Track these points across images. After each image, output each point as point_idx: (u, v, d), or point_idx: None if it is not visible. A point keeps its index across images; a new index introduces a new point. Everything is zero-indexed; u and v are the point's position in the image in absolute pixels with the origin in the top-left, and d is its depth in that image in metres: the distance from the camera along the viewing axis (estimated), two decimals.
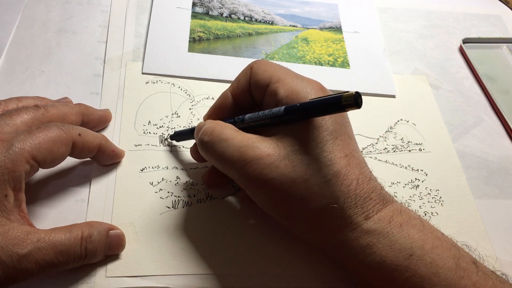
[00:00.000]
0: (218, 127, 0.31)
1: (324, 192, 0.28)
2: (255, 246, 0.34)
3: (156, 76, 0.44)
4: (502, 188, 0.43)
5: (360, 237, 0.28)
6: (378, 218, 0.28)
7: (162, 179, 0.37)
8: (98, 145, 0.34)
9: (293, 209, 0.29)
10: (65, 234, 0.28)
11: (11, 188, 0.27)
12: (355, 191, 0.28)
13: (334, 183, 0.28)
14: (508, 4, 0.63)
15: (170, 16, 0.49)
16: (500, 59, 0.55)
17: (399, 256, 0.27)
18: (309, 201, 0.28)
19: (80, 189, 0.35)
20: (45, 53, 0.44)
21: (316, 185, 0.28)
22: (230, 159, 0.29)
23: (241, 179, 0.29)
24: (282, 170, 0.28)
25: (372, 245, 0.27)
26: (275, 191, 0.28)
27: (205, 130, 0.31)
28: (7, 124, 0.29)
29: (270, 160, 0.28)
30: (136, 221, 0.34)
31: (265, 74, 0.31)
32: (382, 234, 0.27)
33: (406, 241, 0.27)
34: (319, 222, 0.29)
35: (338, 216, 0.28)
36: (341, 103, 0.25)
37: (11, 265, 0.25)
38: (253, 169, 0.28)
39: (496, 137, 0.47)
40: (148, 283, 0.31)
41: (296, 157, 0.28)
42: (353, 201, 0.28)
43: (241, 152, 0.29)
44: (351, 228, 0.28)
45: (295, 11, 0.56)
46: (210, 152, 0.31)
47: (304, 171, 0.28)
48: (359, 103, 0.25)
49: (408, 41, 0.55)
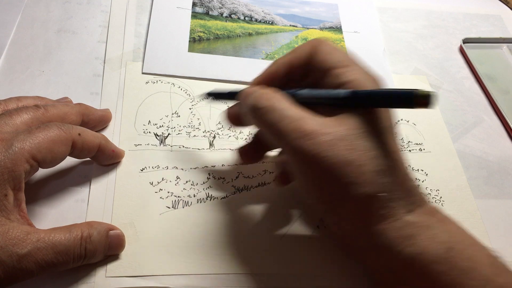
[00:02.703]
0: (275, 94, 0.30)
1: (377, 180, 0.28)
2: (255, 246, 0.34)
3: (156, 76, 0.44)
4: (502, 188, 0.43)
5: (401, 228, 0.28)
6: (420, 212, 0.29)
7: (162, 179, 0.37)
8: (98, 145, 0.33)
9: (338, 192, 0.28)
10: (64, 234, 0.28)
11: (11, 188, 0.27)
12: (403, 185, 0.29)
13: (387, 173, 0.28)
14: (508, 4, 0.63)
15: (170, 16, 0.49)
16: (500, 59, 0.55)
17: (439, 248, 0.27)
18: (359, 186, 0.27)
19: (80, 189, 0.35)
20: (45, 53, 0.44)
21: (370, 172, 0.27)
22: (285, 129, 0.28)
23: (292, 152, 0.29)
24: (338, 150, 0.27)
25: (413, 236, 0.27)
26: (326, 170, 0.28)
27: (261, 94, 0.30)
28: (7, 123, 0.29)
29: (328, 137, 0.27)
30: (136, 221, 0.34)
31: (331, 57, 0.31)
32: (423, 227, 0.28)
33: (446, 235, 0.28)
34: (361, 209, 0.28)
35: (383, 206, 0.28)
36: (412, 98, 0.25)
37: (10, 265, 0.25)
38: (308, 143, 0.27)
39: (496, 137, 0.47)
40: (148, 283, 0.31)
41: (353, 141, 0.28)
42: (400, 193, 0.28)
43: (298, 124, 0.28)
44: (394, 218, 0.28)
45: (295, 11, 0.56)
46: (263, 119, 0.30)
47: (360, 156, 0.27)
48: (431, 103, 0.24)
49: (408, 41, 0.55)
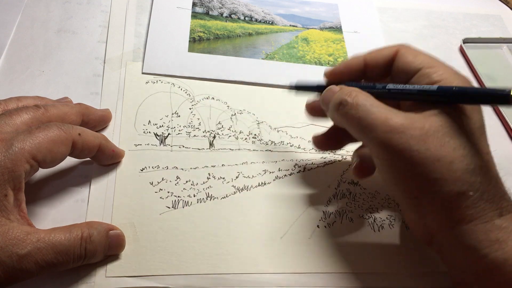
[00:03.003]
0: (362, 92, 0.31)
1: (466, 179, 0.27)
2: (255, 246, 0.34)
3: (156, 76, 0.44)
4: None
5: (490, 231, 0.27)
6: (511, 218, 0.28)
7: (162, 179, 0.37)
8: (98, 145, 0.33)
9: (426, 188, 0.28)
10: (64, 234, 0.28)
11: (11, 188, 0.27)
12: (494, 188, 0.28)
13: (478, 173, 0.28)
14: (508, 4, 0.63)
15: (170, 16, 0.49)
16: (500, 59, 0.55)
17: None
18: (448, 183, 0.27)
19: (80, 189, 0.35)
20: (45, 53, 0.44)
21: (460, 170, 0.27)
22: (373, 123, 0.29)
23: (381, 145, 0.29)
24: (428, 146, 0.27)
25: (502, 241, 0.27)
26: (414, 164, 0.28)
27: (348, 91, 0.31)
28: (7, 123, 0.29)
29: (418, 132, 0.28)
30: (136, 221, 0.34)
31: (417, 59, 0.31)
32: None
33: None
34: (450, 206, 0.28)
35: (472, 206, 0.28)
36: (509, 96, 0.25)
37: (10, 265, 0.25)
38: (398, 137, 0.28)
39: (496, 137, 0.47)
40: (148, 283, 0.31)
41: (443, 138, 0.28)
42: (491, 196, 0.28)
43: (387, 117, 0.29)
44: (483, 220, 0.28)
45: (295, 11, 0.56)
46: (350, 114, 0.30)
47: (451, 153, 0.27)
48: None
49: (408, 41, 0.55)
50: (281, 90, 0.45)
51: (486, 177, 0.28)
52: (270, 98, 0.45)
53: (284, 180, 0.39)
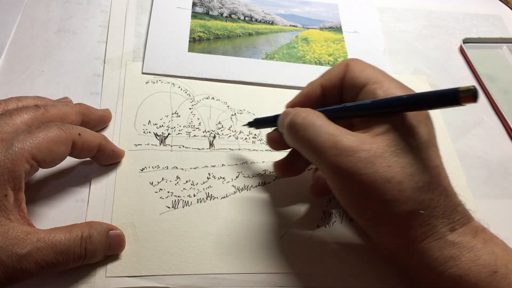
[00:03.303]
0: (311, 112, 0.30)
1: (416, 197, 0.27)
2: (255, 246, 0.34)
3: (156, 76, 0.44)
4: (502, 188, 0.43)
5: (443, 248, 0.27)
6: (463, 232, 0.28)
7: (162, 179, 0.37)
8: (98, 144, 0.33)
9: (378, 209, 0.28)
10: (64, 234, 0.28)
11: (11, 188, 0.27)
12: (444, 202, 0.28)
13: (427, 190, 0.27)
14: (508, 4, 0.63)
15: (170, 16, 0.49)
16: (500, 59, 0.55)
17: (482, 271, 0.26)
18: (399, 204, 0.27)
19: (80, 189, 0.35)
20: (45, 53, 0.44)
21: (409, 189, 0.27)
22: (321, 145, 0.28)
23: (330, 168, 0.28)
24: (377, 168, 0.27)
25: (455, 257, 0.27)
26: (365, 187, 0.27)
27: (298, 113, 0.31)
28: (7, 123, 0.29)
29: (366, 155, 0.27)
30: (136, 221, 0.34)
31: (363, 74, 0.31)
32: (466, 248, 0.27)
33: (490, 257, 0.27)
34: (403, 227, 0.28)
35: (424, 224, 0.27)
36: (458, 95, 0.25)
37: (10, 265, 0.25)
38: (346, 160, 0.27)
39: (496, 137, 0.47)
40: (148, 283, 0.31)
41: (391, 157, 0.27)
42: (441, 211, 0.28)
43: (336, 141, 0.28)
44: (436, 237, 0.27)
45: (295, 11, 0.56)
46: (299, 136, 0.30)
47: (399, 173, 0.27)
48: (476, 97, 0.24)
49: (408, 41, 0.55)
50: (281, 90, 0.45)
51: (436, 192, 0.28)
52: (270, 98, 0.45)
53: (284, 180, 0.39)
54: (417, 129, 0.28)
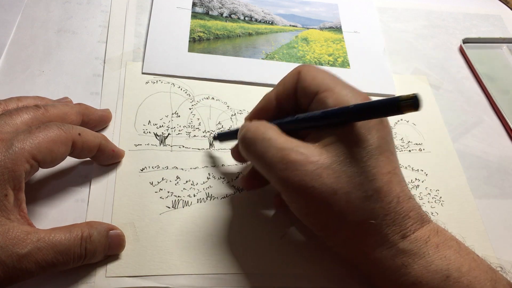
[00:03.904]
0: (262, 126, 0.30)
1: (364, 207, 0.27)
2: (256, 246, 0.34)
3: (156, 76, 0.44)
4: (502, 188, 0.43)
5: (395, 256, 0.27)
6: (415, 238, 0.27)
7: (162, 179, 0.37)
8: (98, 144, 0.33)
9: (329, 220, 0.28)
10: (65, 234, 0.28)
11: (11, 188, 0.27)
12: (395, 209, 0.28)
13: (376, 199, 0.27)
14: (508, 4, 0.63)
15: (170, 16, 0.49)
16: (500, 59, 0.55)
17: (435, 277, 0.26)
18: (348, 214, 0.27)
19: (80, 189, 0.35)
20: (45, 53, 0.44)
21: (357, 199, 0.27)
22: (271, 160, 0.28)
23: (279, 182, 0.29)
24: (324, 180, 0.27)
25: (407, 265, 0.27)
26: (314, 200, 0.28)
27: (249, 127, 0.31)
28: (7, 123, 0.29)
29: (312, 167, 0.27)
30: (136, 221, 0.34)
31: (314, 82, 0.31)
32: (418, 255, 0.27)
33: (442, 262, 0.27)
34: (355, 237, 0.28)
35: (375, 233, 0.27)
36: (399, 104, 0.24)
37: (11, 265, 0.25)
38: (293, 174, 0.27)
39: (496, 137, 0.47)
40: (148, 283, 0.31)
41: (339, 168, 0.27)
42: (392, 219, 0.27)
43: (283, 155, 0.28)
44: (387, 246, 0.27)
45: (295, 11, 0.56)
46: (251, 151, 0.30)
47: (347, 184, 0.27)
48: (418, 106, 0.24)
49: (408, 41, 0.55)
50: None
51: (386, 200, 0.27)
52: None
53: None
54: (366, 137, 0.28)
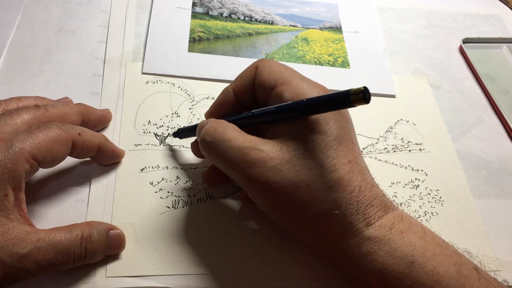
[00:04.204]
0: (220, 127, 0.31)
1: (327, 198, 0.27)
2: (256, 246, 0.34)
3: (156, 76, 0.44)
4: (502, 188, 0.43)
5: (361, 244, 0.27)
6: (379, 225, 0.28)
7: (162, 179, 0.37)
8: (98, 144, 0.33)
9: (294, 213, 0.29)
10: (65, 234, 0.28)
11: (11, 188, 0.27)
12: (357, 198, 0.28)
13: (337, 189, 0.27)
14: (508, 4, 0.63)
15: (170, 16, 0.49)
16: (500, 59, 0.55)
17: (400, 263, 0.27)
18: (311, 206, 0.28)
19: (80, 189, 0.35)
20: (45, 53, 0.44)
21: (319, 191, 0.27)
22: (232, 160, 0.29)
23: (243, 180, 0.29)
24: (284, 174, 0.28)
25: (373, 252, 0.27)
26: (277, 194, 0.28)
27: (207, 129, 0.31)
28: (7, 123, 0.29)
29: (273, 163, 0.28)
30: (136, 221, 0.34)
31: (271, 76, 0.31)
32: (383, 241, 0.27)
33: (407, 248, 0.27)
34: (320, 228, 0.28)
35: (339, 223, 0.28)
36: (349, 97, 0.25)
37: (11, 265, 0.25)
38: (255, 171, 0.28)
39: (496, 137, 0.47)
40: (148, 283, 0.31)
41: (299, 161, 0.28)
42: (355, 207, 0.28)
43: (243, 154, 0.28)
44: (352, 235, 0.28)
45: (295, 11, 0.56)
46: (211, 152, 0.31)
47: (307, 176, 0.27)
48: (368, 98, 0.24)
49: (408, 41, 0.55)
50: None
51: (348, 189, 0.28)
52: None
53: None
54: (324, 128, 0.28)
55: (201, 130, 0.32)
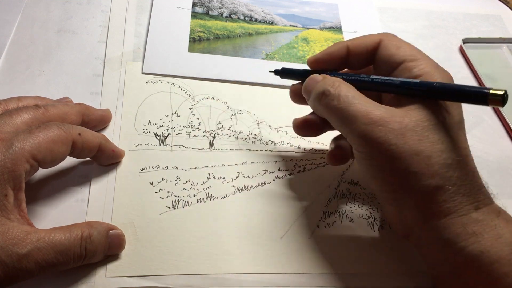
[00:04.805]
0: (343, 83, 0.31)
1: (444, 174, 0.28)
2: (255, 246, 0.34)
3: (156, 76, 0.44)
4: (502, 188, 0.43)
5: (467, 224, 0.28)
6: (487, 211, 0.28)
7: (162, 179, 0.37)
8: (98, 144, 0.34)
9: (404, 182, 0.28)
10: (65, 234, 0.28)
11: (11, 188, 0.27)
12: (471, 181, 0.28)
13: (455, 167, 0.28)
14: (508, 4, 0.63)
15: (170, 16, 0.49)
16: (500, 59, 0.55)
17: (504, 249, 0.27)
18: (426, 177, 0.28)
19: (80, 189, 0.35)
20: (45, 53, 0.44)
21: (438, 164, 0.28)
22: (354, 114, 0.29)
23: (358, 138, 0.29)
24: (407, 140, 0.28)
25: (478, 234, 0.27)
26: (393, 158, 0.28)
27: (331, 81, 0.31)
28: (7, 123, 0.29)
29: (397, 126, 0.28)
30: (136, 221, 0.34)
31: (400, 51, 0.32)
32: (489, 226, 0.27)
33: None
34: (427, 200, 0.28)
35: (449, 200, 0.28)
36: (487, 96, 0.25)
37: (11, 265, 0.25)
38: (378, 129, 0.28)
39: (496, 137, 0.47)
40: (148, 283, 0.31)
41: (422, 132, 0.28)
42: (468, 189, 0.28)
43: (368, 110, 0.29)
44: (460, 214, 0.28)
45: (295, 11, 0.56)
46: (331, 104, 0.30)
47: (429, 148, 0.28)
48: (505, 103, 0.25)
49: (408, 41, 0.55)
50: (281, 90, 0.45)
51: (463, 171, 0.28)
52: (270, 98, 0.45)
53: (284, 180, 0.39)
54: (450, 109, 0.29)
55: (315, 84, 0.32)
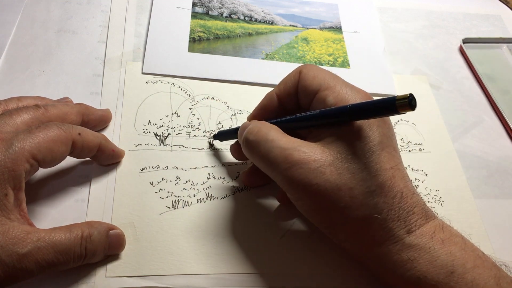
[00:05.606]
0: (264, 127, 0.31)
1: (368, 202, 0.27)
2: (255, 246, 0.34)
3: (156, 76, 0.44)
4: (502, 188, 0.43)
5: (401, 251, 0.27)
6: (420, 233, 0.28)
7: (162, 179, 0.37)
8: (98, 144, 0.34)
9: (334, 217, 0.28)
10: (65, 234, 0.28)
11: (11, 187, 0.27)
12: (399, 204, 0.28)
13: (379, 194, 0.27)
14: (508, 4, 0.63)
15: (170, 16, 0.49)
16: (500, 59, 0.55)
17: (440, 272, 0.26)
18: (352, 210, 0.28)
19: (80, 189, 0.35)
20: (45, 53, 0.44)
21: (361, 195, 0.27)
22: (274, 160, 0.29)
23: (284, 181, 0.29)
24: (327, 177, 0.28)
25: (413, 260, 0.27)
26: (318, 197, 0.28)
27: (251, 129, 0.31)
28: (7, 123, 0.29)
29: (316, 165, 0.28)
30: (136, 221, 0.34)
31: (315, 81, 0.31)
32: (423, 250, 0.27)
33: (447, 258, 0.27)
34: (360, 232, 0.28)
35: (380, 228, 0.28)
36: (395, 104, 0.25)
37: (11, 265, 0.25)
38: (298, 172, 0.28)
39: (496, 137, 0.47)
40: (148, 283, 0.31)
41: (342, 164, 0.28)
42: (396, 213, 0.28)
43: (286, 154, 0.29)
44: (393, 241, 0.28)
45: (295, 11, 0.56)
46: (254, 152, 0.31)
47: (350, 180, 0.27)
48: (413, 105, 0.24)
49: (408, 41, 0.55)
50: None
51: (389, 195, 0.28)
52: None
53: None
54: (367, 133, 0.28)
55: (244, 131, 0.32)
